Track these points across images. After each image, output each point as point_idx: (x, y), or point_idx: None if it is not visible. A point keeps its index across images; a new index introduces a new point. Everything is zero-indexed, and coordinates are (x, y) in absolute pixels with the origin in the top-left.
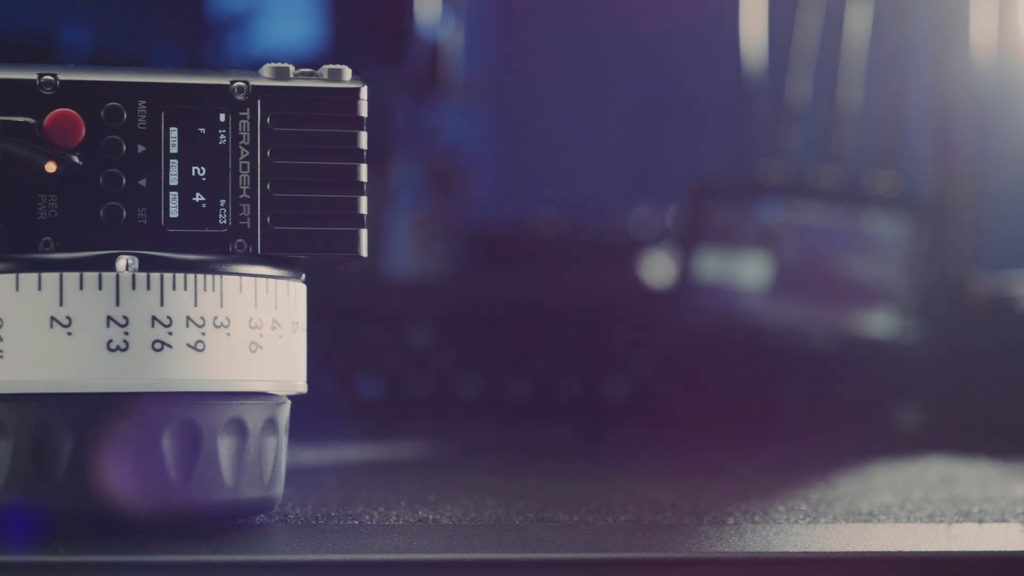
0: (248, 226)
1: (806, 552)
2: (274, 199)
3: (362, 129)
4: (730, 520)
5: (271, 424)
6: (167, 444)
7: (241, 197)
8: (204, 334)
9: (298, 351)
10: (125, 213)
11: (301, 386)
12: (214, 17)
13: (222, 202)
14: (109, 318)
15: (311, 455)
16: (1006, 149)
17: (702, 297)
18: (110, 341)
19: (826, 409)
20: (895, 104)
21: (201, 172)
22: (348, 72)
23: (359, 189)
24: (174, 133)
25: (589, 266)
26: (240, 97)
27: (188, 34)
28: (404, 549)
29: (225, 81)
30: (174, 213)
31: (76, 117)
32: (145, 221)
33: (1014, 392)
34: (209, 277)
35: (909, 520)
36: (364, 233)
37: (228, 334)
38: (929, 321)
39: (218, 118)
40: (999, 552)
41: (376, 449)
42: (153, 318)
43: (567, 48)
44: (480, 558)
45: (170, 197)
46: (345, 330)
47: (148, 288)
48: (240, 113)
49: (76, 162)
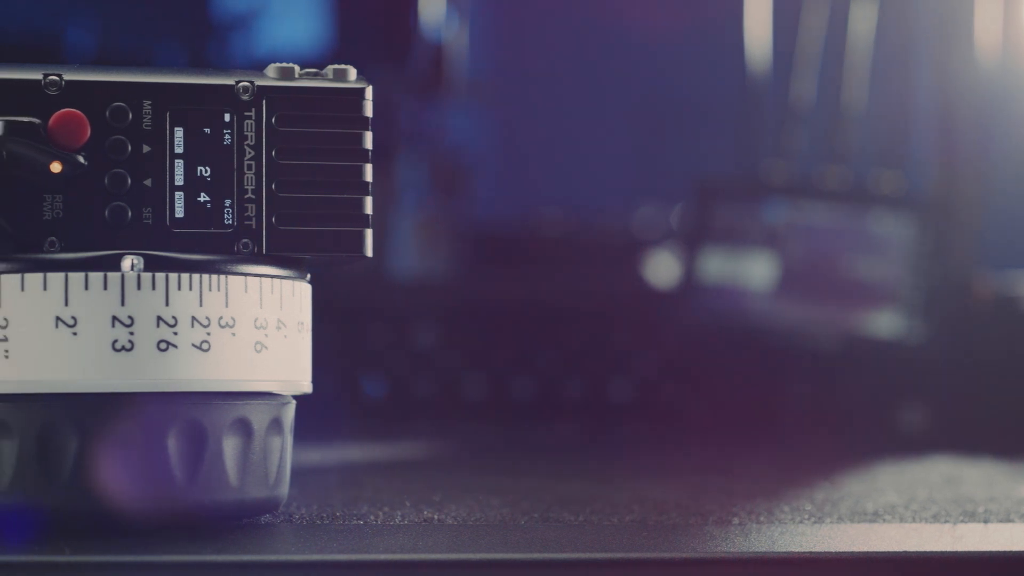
0: (253, 226)
1: (811, 552)
2: (279, 199)
3: (367, 129)
4: (735, 520)
5: (276, 424)
6: (172, 444)
7: (246, 197)
8: (209, 334)
9: (303, 351)
10: (130, 213)
11: (306, 386)
12: (218, 17)
13: (227, 202)
14: (114, 318)
15: (316, 455)
16: (1010, 149)
17: (706, 297)
18: (115, 341)
19: (831, 409)
20: (899, 104)
21: (206, 172)
22: (353, 72)
23: (364, 189)
24: (179, 133)
25: (593, 266)
26: (245, 97)
27: (192, 34)
28: (409, 549)
29: (230, 81)
30: (179, 213)
31: (81, 117)
32: (150, 221)
33: (1019, 392)
34: (214, 277)
35: (914, 520)
36: (369, 233)
37: (233, 334)
38: (934, 321)
39: (223, 118)
40: (1004, 552)
41: (381, 449)
42: (158, 318)
43: (572, 48)
44: (485, 558)
45: (175, 197)
46: (349, 330)
47: (153, 288)
48: (245, 113)
49: (81, 162)
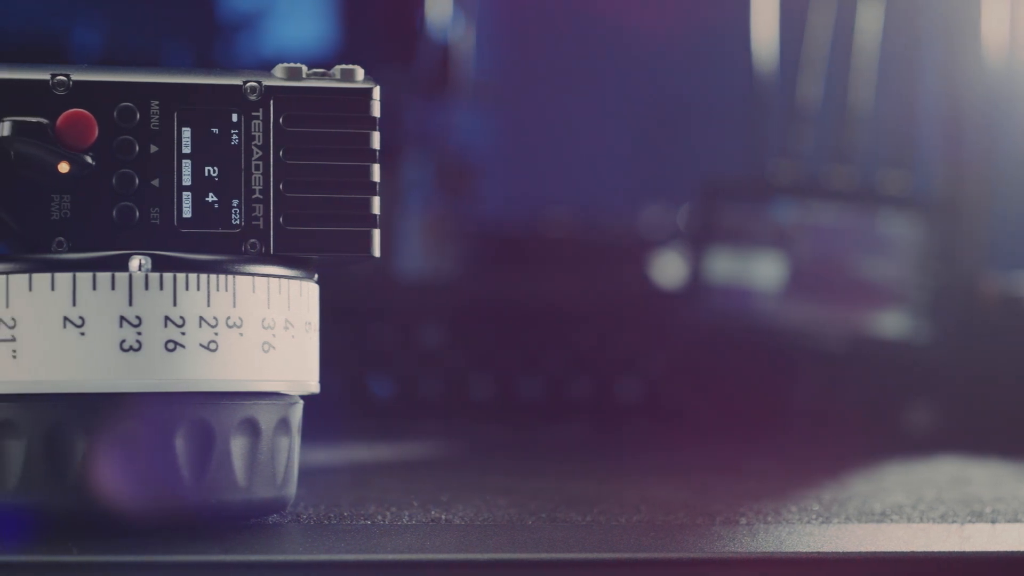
0: (261, 226)
1: (819, 552)
2: (287, 199)
3: (375, 129)
4: (742, 520)
5: (284, 424)
6: (180, 444)
7: (254, 197)
8: (217, 334)
9: (311, 351)
10: (138, 213)
11: (314, 386)
12: (225, 17)
13: (235, 202)
14: (122, 318)
15: (323, 455)
16: (1017, 149)
17: (713, 297)
18: (123, 341)
19: (838, 409)
20: (907, 104)
21: (214, 172)
22: (361, 72)
23: (372, 189)
24: (187, 133)
25: (600, 266)
26: (253, 97)
27: (199, 34)
28: (417, 549)
29: (238, 81)
30: (187, 213)
31: (89, 117)
32: (158, 221)
33: None
34: (222, 277)
35: (922, 520)
36: (377, 233)
37: (241, 334)
38: (941, 321)
39: (231, 118)
40: (1012, 552)
41: (388, 449)
42: (166, 318)
43: (578, 48)
44: (493, 558)
45: (183, 197)
46: (356, 330)
47: (161, 288)
48: (253, 113)
49: (89, 162)
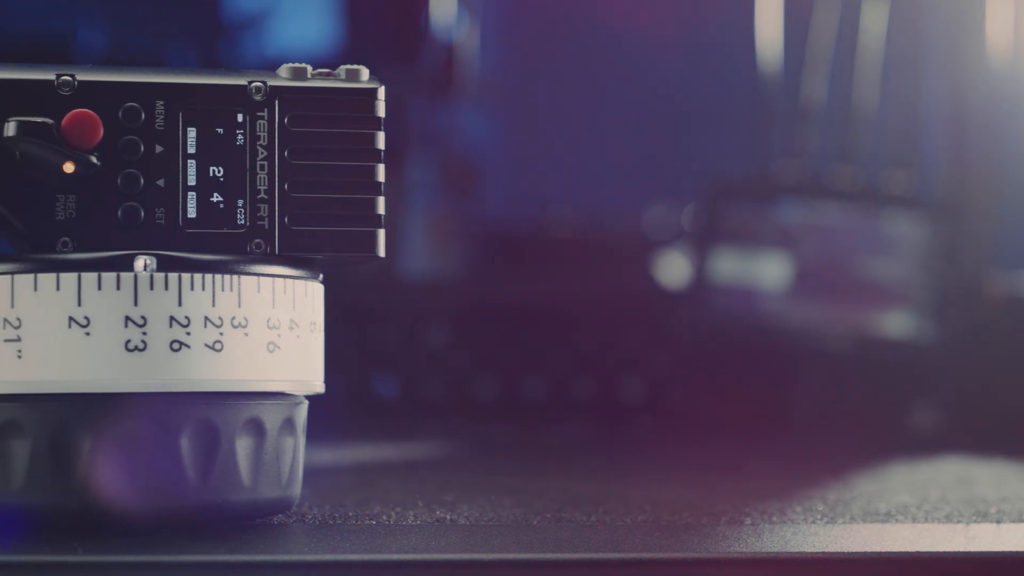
0: (266, 226)
1: (824, 552)
2: (292, 199)
3: (380, 129)
4: (748, 520)
5: (289, 424)
6: (185, 444)
7: (259, 197)
8: (222, 334)
9: (316, 351)
10: (143, 213)
11: (319, 386)
12: (230, 17)
13: (240, 202)
14: (127, 318)
15: (328, 455)
16: (1022, 149)
17: (717, 297)
18: (128, 341)
19: (842, 409)
20: (911, 104)
21: (219, 172)
22: (366, 72)
23: (377, 189)
24: (192, 133)
25: (604, 266)
26: (258, 97)
27: (204, 34)
28: (422, 549)
29: (243, 81)
30: (192, 213)
31: (94, 117)
32: (163, 221)
33: None
34: (227, 277)
35: (927, 520)
36: (382, 233)
37: (246, 334)
38: (945, 321)
39: (236, 118)
40: (1017, 552)
41: (392, 449)
42: (171, 318)
43: (582, 48)
44: (498, 558)
45: (188, 197)
46: (360, 330)
47: (166, 288)
48: (258, 113)
49: (94, 162)
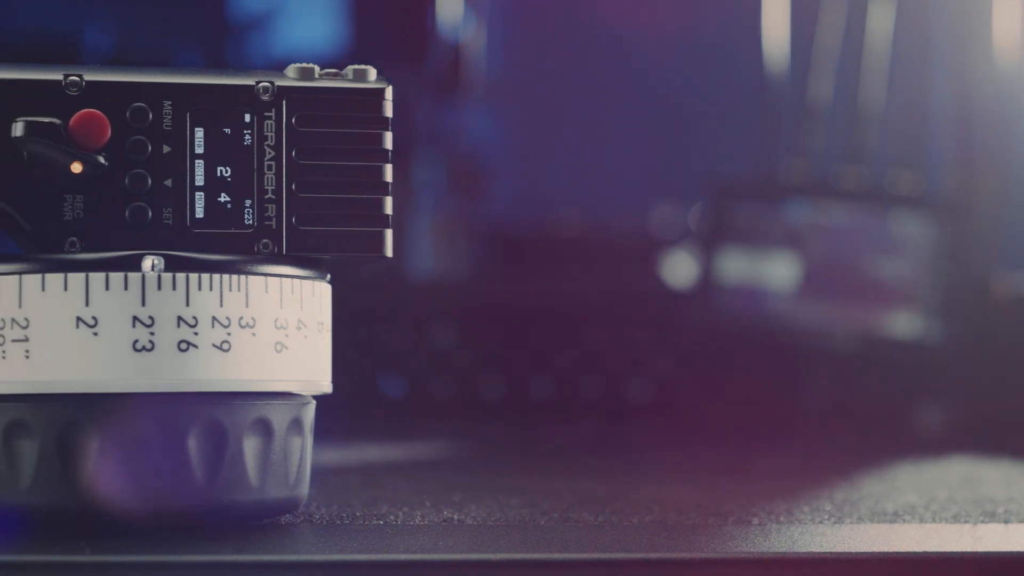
0: (273, 226)
1: (832, 552)
2: (299, 199)
3: (387, 129)
4: (755, 520)
5: (296, 424)
6: (192, 444)
7: (266, 197)
8: (230, 334)
9: (323, 351)
10: (151, 213)
11: (326, 386)
12: (237, 17)
13: (247, 202)
14: (135, 318)
15: (334, 455)
16: None
17: (724, 297)
18: (136, 341)
19: (849, 409)
20: (917, 103)
21: (226, 172)
22: (373, 72)
23: (384, 189)
24: (199, 133)
25: (610, 266)
26: (265, 97)
27: (211, 34)
28: (430, 549)
29: (250, 81)
30: (200, 213)
31: (102, 117)
32: (171, 221)
33: None
34: (235, 277)
35: (934, 520)
36: (389, 233)
37: (254, 334)
38: (952, 321)
39: (243, 118)
40: None
41: (399, 449)
42: (179, 318)
43: (588, 48)
44: (506, 558)
45: (195, 197)
46: (367, 330)
47: (174, 288)
48: (265, 113)
49: (102, 162)
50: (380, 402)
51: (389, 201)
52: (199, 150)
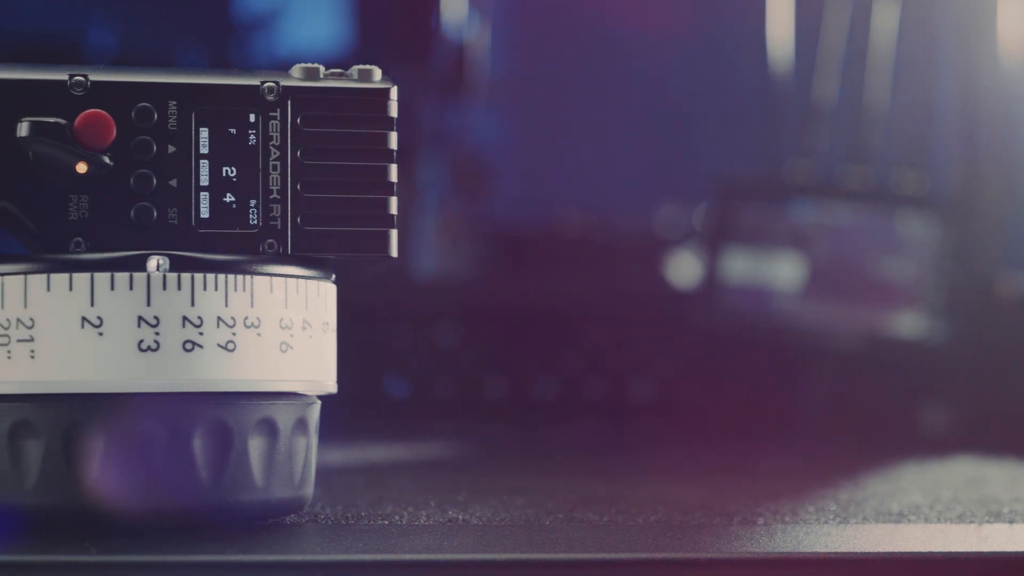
0: (278, 226)
1: (837, 552)
2: (304, 199)
3: (392, 129)
4: (760, 520)
5: (301, 424)
6: (197, 444)
7: (271, 197)
8: (235, 334)
9: (328, 351)
10: (156, 213)
11: (331, 386)
12: (241, 17)
13: (252, 202)
14: (140, 318)
15: (339, 455)
16: None
17: (728, 297)
18: (141, 341)
19: (853, 409)
20: (922, 103)
21: (231, 172)
22: (378, 72)
23: (389, 189)
24: (204, 133)
25: (615, 266)
26: (270, 98)
27: (215, 34)
28: (435, 549)
29: (255, 82)
30: (205, 213)
31: (107, 118)
32: (176, 221)
33: None
34: (240, 277)
35: (939, 521)
36: (394, 233)
37: (259, 334)
38: (957, 321)
39: (248, 119)
40: None
41: (404, 449)
42: (184, 318)
43: (593, 48)
44: (511, 558)
45: (200, 197)
46: (371, 331)
47: (179, 288)
48: (270, 113)
49: (107, 163)
50: (384, 402)
51: (394, 201)
52: (204, 150)
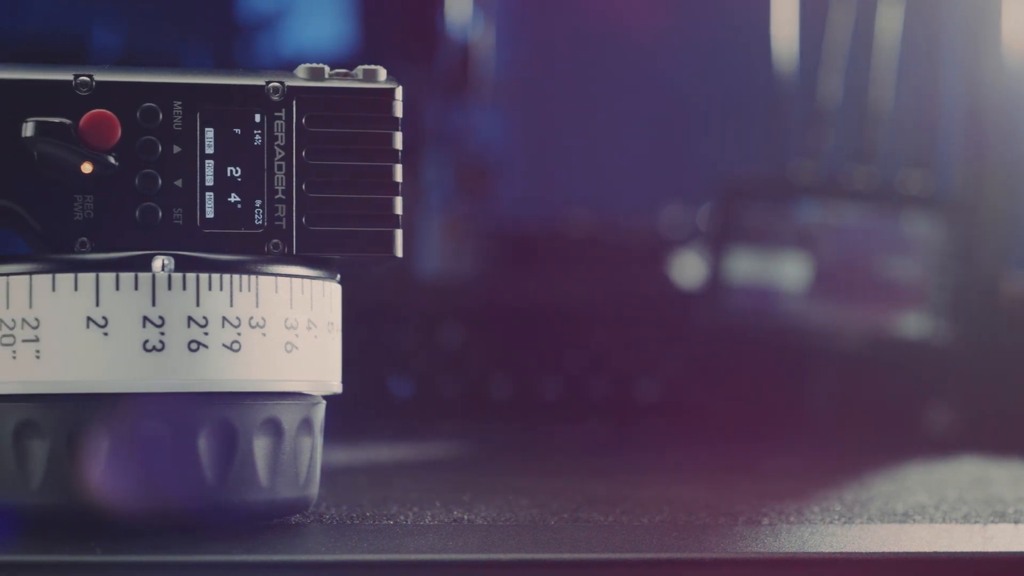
0: (283, 226)
1: (842, 552)
2: (309, 199)
3: (397, 129)
4: (765, 521)
5: (306, 424)
6: (203, 444)
7: (276, 197)
8: (240, 334)
9: (333, 351)
10: (161, 213)
11: (336, 386)
12: (245, 17)
13: (258, 202)
14: (145, 318)
15: (344, 455)
16: None
17: (732, 297)
18: (146, 341)
19: (858, 410)
20: (927, 103)
21: (236, 172)
22: (383, 72)
23: (394, 189)
24: (210, 134)
25: (619, 266)
26: (276, 98)
27: (220, 34)
28: (440, 549)
29: (260, 82)
30: (210, 213)
31: (112, 118)
32: (181, 221)
33: None
34: (245, 277)
35: (945, 521)
36: (399, 233)
37: (264, 334)
38: (962, 321)
39: (253, 119)
40: None
41: (409, 449)
42: (189, 318)
43: (597, 48)
44: (516, 558)
45: (206, 197)
46: (375, 330)
47: (184, 288)
48: (275, 113)
49: (112, 163)
50: (389, 402)
51: (399, 201)
52: (209, 150)
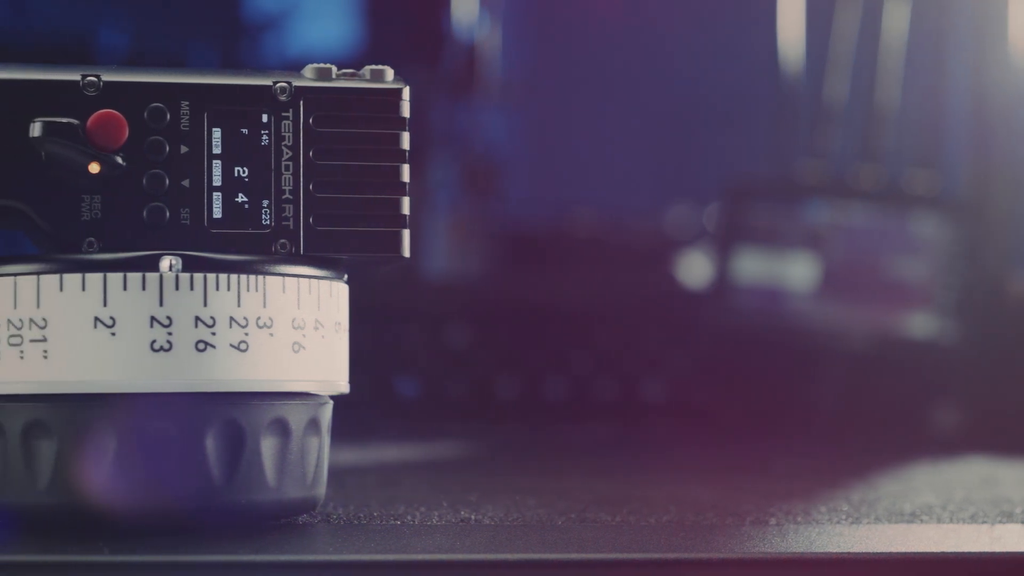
0: (291, 226)
1: (850, 553)
2: (317, 200)
3: (405, 129)
4: (772, 521)
5: (314, 424)
6: (210, 444)
7: (284, 198)
8: (247, 334)
9: (340, 351)
10: (168, 214)
11: (343, 386)
12: (253, 17)
13: (265, 203)
14: (153, 318)
15: (351, 455)
16: None
17: (739, 298)
18: (154, 341)
19: (865, 410)
20: (933, 103)
21: (244, 173)
22: (390, 72)
23: (402, 189)
24: (217, 134)
25: (625, 266)
26: (283, 98)
27: (227, 35)
28: (447, 549)
29: (268, 82)
30: (217, 214)
31: (120, 118)
32: (188, 222)
33: None
34: (252, 277)
35: (952, 521)
36: (407, 233)
37: (271, 334)
38: (968, 321)
39: (261, 119)
40: None
41: (415, 449)
42: (196, 318)
43: (603, 48)
44: (524, 558)
45: (213, 198)
46: (382, 330)
47: (191, 288)
48: (283, 114)
49: (120, 163)
50: (396, 402)
51: (406, 201)
52: (217, 150)
